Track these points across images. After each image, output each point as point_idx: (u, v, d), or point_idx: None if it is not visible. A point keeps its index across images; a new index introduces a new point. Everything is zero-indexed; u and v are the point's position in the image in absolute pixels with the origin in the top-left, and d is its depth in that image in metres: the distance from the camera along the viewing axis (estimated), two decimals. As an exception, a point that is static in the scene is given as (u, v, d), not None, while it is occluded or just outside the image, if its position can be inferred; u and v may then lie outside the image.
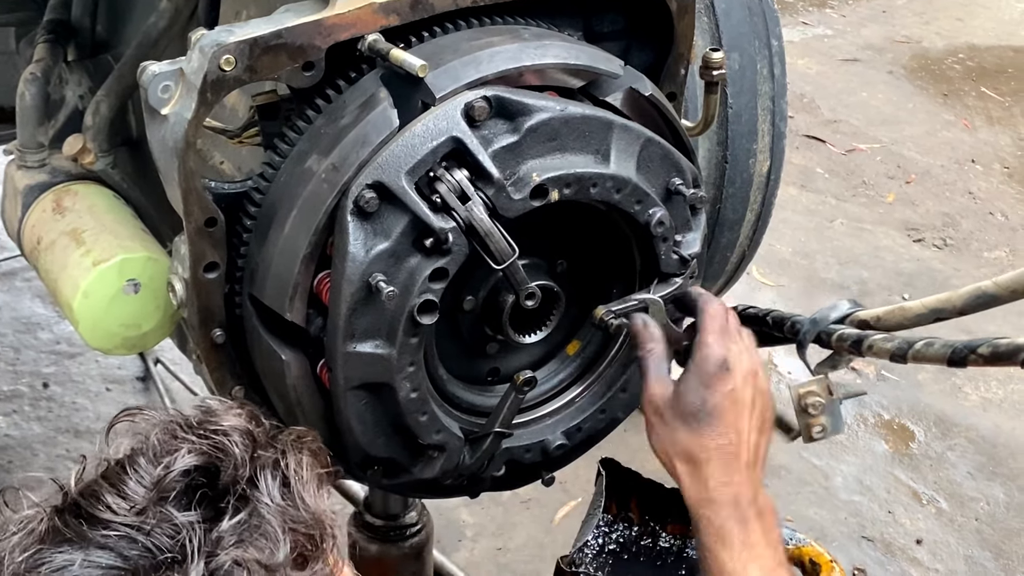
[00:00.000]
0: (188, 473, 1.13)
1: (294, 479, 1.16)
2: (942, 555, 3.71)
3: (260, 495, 1.12)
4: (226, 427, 1.18)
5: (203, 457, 1.14)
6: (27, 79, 2.42)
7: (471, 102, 1.69)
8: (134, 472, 1.12)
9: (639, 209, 1.83)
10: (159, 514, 1.09)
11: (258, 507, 1.12)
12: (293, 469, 1.17)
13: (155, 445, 1.16)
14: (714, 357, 1.74)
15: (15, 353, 4.30)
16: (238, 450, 1.15)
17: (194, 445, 1.15)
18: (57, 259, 2.17)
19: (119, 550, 1.07)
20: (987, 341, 1.59)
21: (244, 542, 1.09)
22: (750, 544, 1.67)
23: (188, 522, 1.08)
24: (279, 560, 1.09)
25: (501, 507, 3.74)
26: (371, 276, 1.67)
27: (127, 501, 1.10)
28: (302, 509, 1.15)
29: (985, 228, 5.45)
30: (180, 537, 1.07)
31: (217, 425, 1.18)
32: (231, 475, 1.13)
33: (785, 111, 3.02)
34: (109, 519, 1.08)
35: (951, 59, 7.11)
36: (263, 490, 1.13)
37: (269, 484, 1.14)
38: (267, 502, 1.12)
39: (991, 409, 4.33)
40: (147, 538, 1.07)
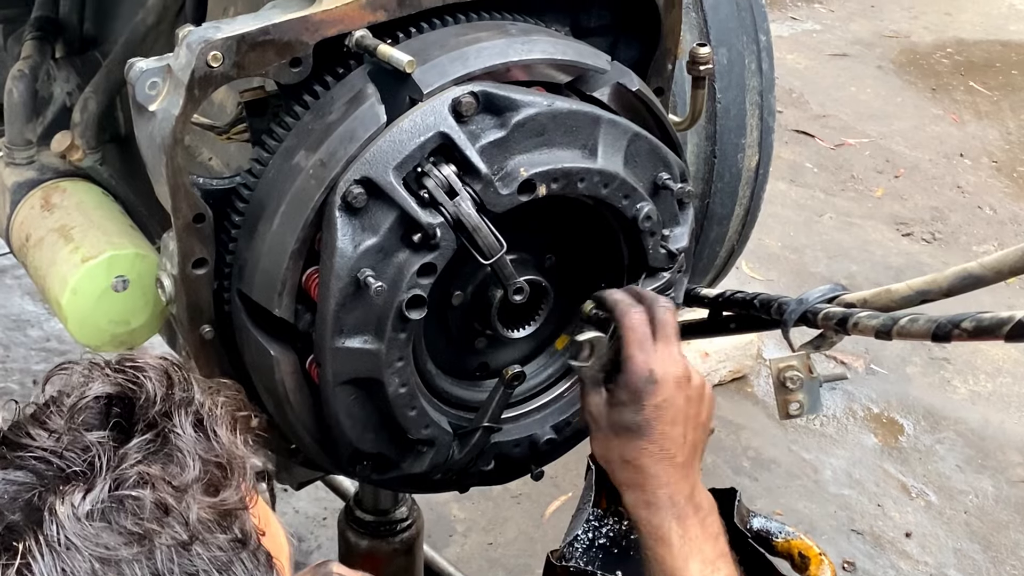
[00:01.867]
0: (99, 399, 1.17)
1: (207, 417, 1.19)
2: (931, 548, 3.73)
3: (172, 425, 1.16)
4: (141, 364, 1.21)
5: (116, 387, 1.19)
6: (15, 76, 2.41)
7: (458, 97, 1.69)
8: (56, 407, 1.18)
9: (627, 204, 1.84)
10: (72, 436, 1.14)
11: (168, 434, 1.15)
12: (208, 408, 1.20)
13: (74, 381, 1.21)
14: (639, 372, 1.76)
15: (5, 351, 4.29)
16: (151, 384, 1.19)
17: (108, 377, 1.20)
18: (45, 256, 2.17)
19: (35, 469, 1.12)
20: (970, 316, 1.60)
21: (149, 460, 1.12)
22: (688, 539, 1.72)
23: (97, 440, 1.13)
24: (186, 480, 1.12)
25: (491, 502, 3.75)
26: (359, 271, 1.67)
27: (45, 430, 1.15)
28: (213, 441, 1.18)
29: (973, 222, 5.47)
30: (89, 455, 1.11)
31: (133, 362, 1.22)
32: (144, 407, 1.17)
33: (774, 106, 3.02)
34: (27, 443, 1.14)
35: (939, 53, 7.12)
36: (176, 422, 1.17)
37: (182, 418, 1.17)
38: (178, 431, 1.16)
39: (980, 402, 4.35)
40: (60, 459, 1.12)
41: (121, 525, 1.08)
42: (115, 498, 1.09)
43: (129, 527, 1.08)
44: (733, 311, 2.12)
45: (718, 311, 2.17)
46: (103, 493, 1.09)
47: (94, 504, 1.08)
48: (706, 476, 3.83)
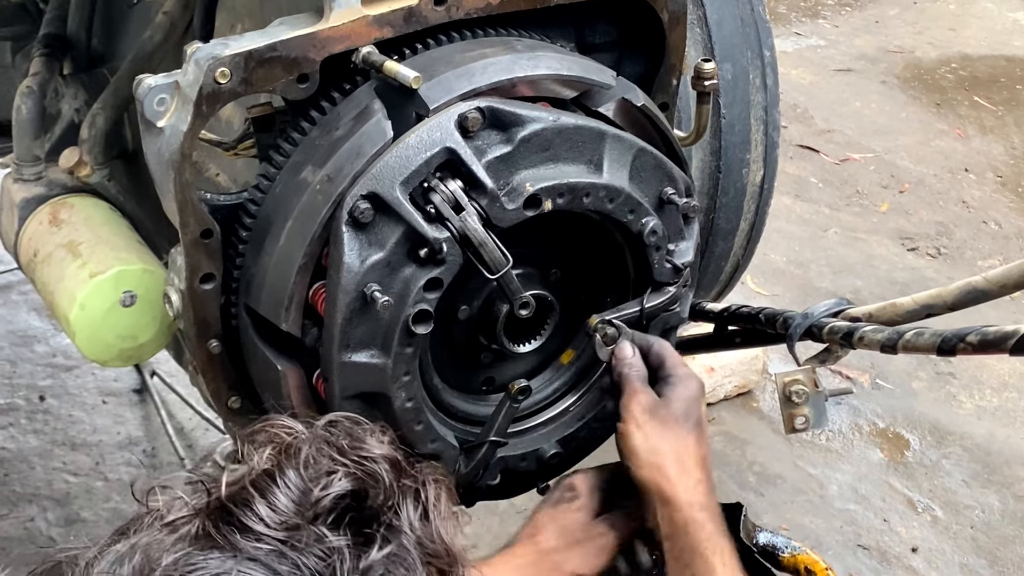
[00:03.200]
0: (343, 497, 1.14)
1: (432, 511, 1.18)
2: (938, 563, 3.72)
3: (403, 524, 1.14)
4: (376, 455, 1.19)
5: (356, 482, 1.16)
6: (23, 92, 2.43)
7: (464, 113, 1.70)
8: (284, 485, 1.13)
9: (632, 219, 1.85)
10: (311, 533, 1.09)
11: (402, 539, 1.13)
12: (432, 502, 1.19)
13: (307, 460, 1.16)
14: (695, 379, 1.81)
15: (11, 366, 4.30)
16: (387, 477, 1.17)
17: (348, 469, 1.17)
18: (53, 271, 2.18)
19: (269, 563, 1.07)
20: (976, 329, 1.61)
21: (390, 572, 1.10)
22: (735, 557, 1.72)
23: (340, 546, 1.09)
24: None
25: (496, 517, 3.74)
26: (366, 286, 1.68)
27: (278, 514, 1.10)
28: (438, 543, 1.17)
29: (979, 237, 5.47)
30: (331, 560, 1.08)
31: (368, 452, 1.20)
32: (380, 502, 1.15)
33: (778, 121, 3.03)
34: (261, 531, 1.09)
35: (944, 69, 7.13)
36: (405, 519, 1.14)
37: (411, 513, 1.15)
38: (408, 532, 1.14)
39: (985, 417, 4.34)
40: (298, 555, 1.07)
41: None
42: None
43: None
44: (738, 325, 2.13)
45: (723, 325, 2.18)
46: None
47: None
48: (712, 491, 3.80)
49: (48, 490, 3.72)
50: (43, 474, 3.79)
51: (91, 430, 3.99)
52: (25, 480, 3.76)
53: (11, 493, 3.70)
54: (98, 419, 4.05)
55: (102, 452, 3.90)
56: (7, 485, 3.74)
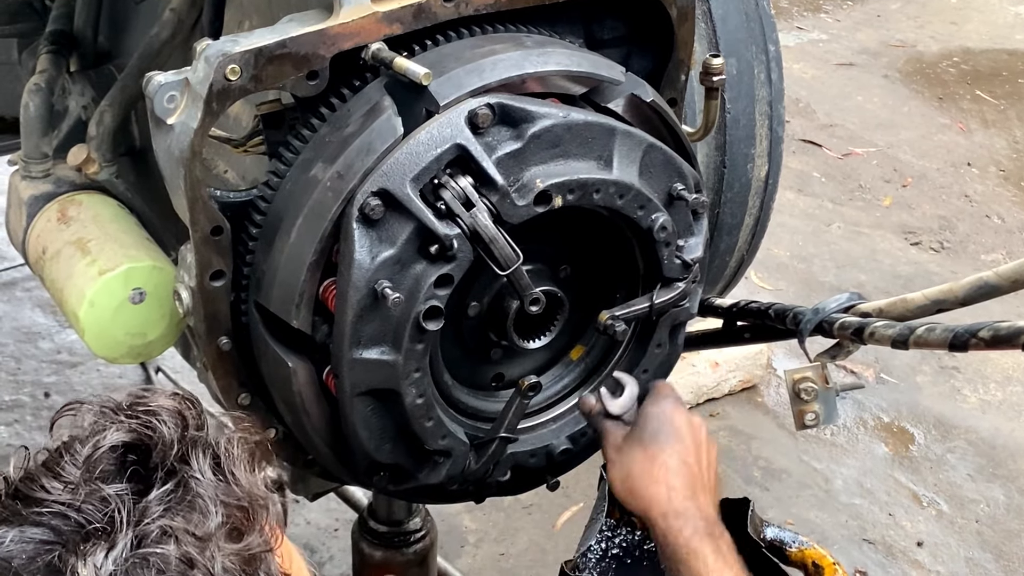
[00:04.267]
0: (115, 449, 1.14)
1: (224, 457, 1.17)
2: (943, 557, 3.73)
3: (190, 470, 1.14)
4: (154, 407, 1.19)
5: (132, 435, 1.16)
6: (30, 90, 2.43)
7: (474, 109, 1.70)
8: (69, 455, 1.14)
9: (642, 214, 1.85)
10: (89, 489, 1.10)
11: (188, 480, 1.13)
12: (224, 447, 1.18)
13: (87, 428, 1.18)
14: (665, 393, 1.87)
15: (16, 363, 4.30)
16: (167, 428, 1.16)
17: (122, 424, 1.17)
18: (62, 269, 2.18)
19: (52, 526, 1.08)
20: (988, 325, 1.61)
21: (171, 511, 1.10)
22: (722, 554, 1.73)
23: (116, 494, 1.10)
24: (209, 530, 1.10)
25: (503, 513, 3.75)
26: (377, 283, 1.68)
27: (60, 481, 1.11)
28: (233, 484, 1.16)
29: (982, 231, 5.47)
30: (109, 509, 1.08)
31: (146, 406, 1.19)
32: (160, 452, 1.15)
33: (783, 116, 3.02)
34: (43, 498, 1.10)
35: (946, 63, 7.13)
36: (194, 466, 1.14)
37: (200, 461, 1.15)
38: (197, 476, 1.14)
39: (990, 411, 4.34)
40: (78, 514, 1.08)
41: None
42: (139, 555, 1.06)
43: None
44: (747, 321, 2.13)
45: (732, 321, 2.18)
46: (125, 551, 1.06)
47: (117, 563, 1.05)
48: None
49: (54, 487, 3.72)
50: (49, 471, 3.79)
51: (96, 427, 3.99)
52: (31, 477, 3.77)
53: (17, 490, 3.70)
54: (103, 416, 4.05)
55: (107, 448, 3.89)
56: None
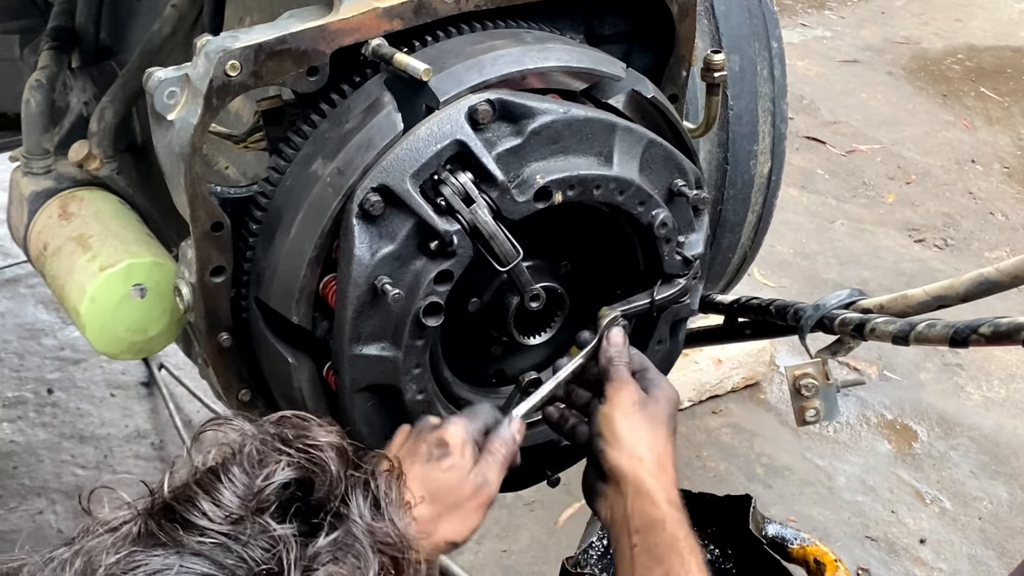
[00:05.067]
0: (287, 486, 1.13)
1: (384, 500, 1.17)
2: (946, 554, 3.72)
3: (352, 513, 1.13)
4: (322, 443, 1.18)
5: (300, 471, 1.15)
6: (32, 86, 2.43)
7: (475, 105, 1.70)
8: (228, 481, 1.12)
9: (642, 211, 1.85)
10: (256, 525, 1.09)
11: (351, 526, 1.12)
12: (383, 491, 1.18)
13: (251, 455, 1.16)
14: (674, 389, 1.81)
15: (19, 359, 4.30)
16: (333, 466, 1.16)
17: (292, 459, 1.16)
18: (64, 265, 2.18)
19: (214, 557, 1.06)
20: (988, 321, 1.61)
21: (338, 560, 1.09)
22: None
23: (285, 535, 1.08)
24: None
25: (505, 509, 3.75)
26: (377, 279, 1.68)
27: (222, 509, 1.09)
28: (390, 531, 1.16)
29: (985, 228, 5.46)
30: (277, 550, 1.07)
31: (313, 440, 1.18)
32: (326, 491, 1.14)
33: (786, 112, 3.02)
34: (205, 526, 1.08)
35: (950, 60, 7.12)
36: (354, 508, 1.14)
37: (360, 503, 1.15)
38: (358, 521, 1.13)
39: (993, 408, 4.33)
40: (243, 548, 1.06)
41: None
42: None
43: None
44: (749, 317, 2.13)
45: (733, 317, 2.18)
46: None
47: None
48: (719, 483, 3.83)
49: (57, 483, 3.73)
50: (52, 467, 3.80)
51: (99, 423, 4.00)
52: (34, 473, 3.77)
53: (20, 486, 3.71)
54: (106, 412, 4.06)
55: (110, 445, 3.90)
56: (16, 478, 3.74)
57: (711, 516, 2.23)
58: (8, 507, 3.62)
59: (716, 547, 2.24)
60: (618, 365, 1.80)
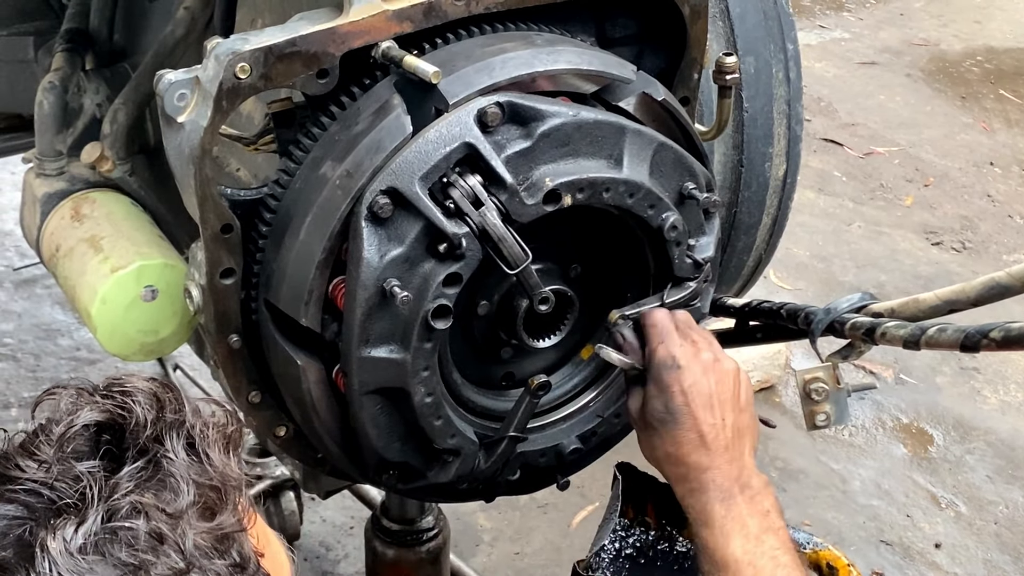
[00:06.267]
0: (88, 427, 1.15)
1: (199, 439, 1.18)
2: (961, 559, 3.70)
3: (163, 450, 1.14)
4: (130, 388, 1.20)
5: (105, 414, 1.17)
6: (45, 88, 2.44)
7: (484, 108, 1.70)
8: (44, 436, 1.15)
9: (652, 213, 1.84)
10: (62, 467, 1.11)
11: (160, 459, 1.13)
12: (199, 430, 1.18)
13: (63, 409, 1.19)
14: (662, 360, 1.78)
15: (35, 360, 4.32)
16: (141, 409, 1.17)
17: (96, 403, 1.18)
18: (75, 266, 2.19)
19: (24, 502, 1.09)
20: (999, 325, 1.60)
21: (142, 488, 1.10)
22: (732, 517, 1.70)
23: (87, 471, 1.10)
24: (180, 507, 1.11)
25: (518, 511, 3.75)
26: (385, 281, 1.68)
27: (35, 460, 1.13)
28: (207, 464, 1.16)
29: (1004, 231, 5.43)
30: (80, 485, 1.09)
31: (122, 387, 1.20)
32: (134, 432, 1.15)
33: (801, 115, 3.01)
34: (17, 476, 1.11)
35: (969, 62, 7.08)
36: (167, 446, 1.15)
37: (174, 442, 1.15)
38: (170, 456, 1.14)
39: (1010, 412, 4.31)
40: (51, 491, 1.09)
41: (116, 557, 1.06)
42: (108, 530, 1.07)
43: (124, 558, 1.06)
44: (760, 321, 2.12)
45: (745, 321, 2.17)
46: (95, 525, 1.07)
47: (87, 537, 1.06)
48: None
49: (72, 483, 3.74)
50: (67, 467, 3.81)
51: (114, 424, 4.01)
52: (49, 473, 3.78)
53: (35, 486, 3.72)
54: (121, 412, 4.06)
55: (125, 445, 3.91)
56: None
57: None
58: (23, 507, 3.63)
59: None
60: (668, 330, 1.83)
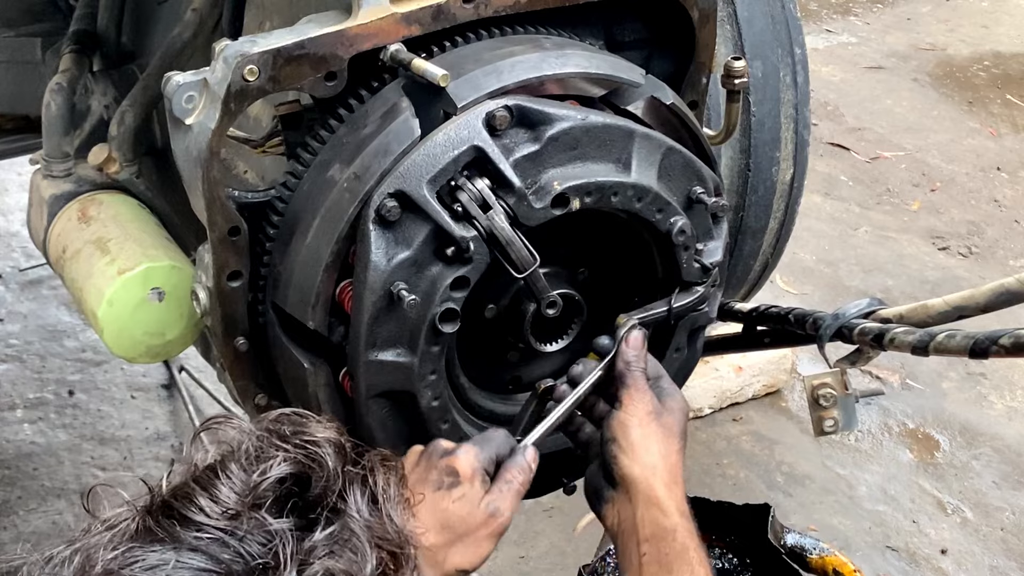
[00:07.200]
0: (283, 481, 1.13)
1: (382, 496, 1.17)
2: (967, 565, 3.69)
3: (349, 508, 1.13)
4: (319, 439, 1.18)
5: (297, 466, 1.15)
6: (53, 89, 2.43)
7: (492, 111, 1.70)
8: (226, 477, 1.13)
9: (660, 218, 1.84)
10: (252, 520, 1.09)
11: (348, 521, 1.12)
12: (381, 487, 1.18)
13: (248, 452, 1.16)
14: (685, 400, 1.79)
15: (41, 361, 4.32)
16: (331, 461, 1.16)
17: (288, 454, 1.16)
18: (82, 268, 2.19)
19: (211, 552, 1.07)
20: (1009, 332, 1.59)
21: (335, 554, 1.09)
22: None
23: (281, 529, 1.08)
24: (366, 574, 1.10)
25: (523, 515, 3.74)
26: (393, 285, 1.67)
27: (219, 505, 1.10)
28: (388, 526, 1.15)
29: (1011, 236, 5.42)
30: (273, 544, 1.07)
31: (310, 436, 1.19)
32: (323, 486, 1.14)
33: (808, 119, 3.01)
34: (202, 521, 1.09)
35: (976, 66, 7.07)
36: (352, 503, 1.14)
37: (358, 499, 1.15)
38: (356, 516, 1.13)
39: (1017, 418, 4.30)
40: (240, 543, 1.07)
41: None
42: None
43: None
44: (767, 326, 2.12)
45: (752, 325, 2.16)
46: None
47: None
48: (739, 491, 3.81)
49: (77, 484, 3.74)
50: (72, 468, 3.81)
51: (120, 425, 4.01)
52: (54, 474, 3.78)
53: (40, 487, 3.72)
54: (127, 414, 4.06)
55: (130, 447, 3.91)
56: (36, 479, 3.76)
57: (730, 525, 2.22)
58: (28, 508, 3.64)
59: (735, 556, 2.23)
60: (635, 371, 1.77)
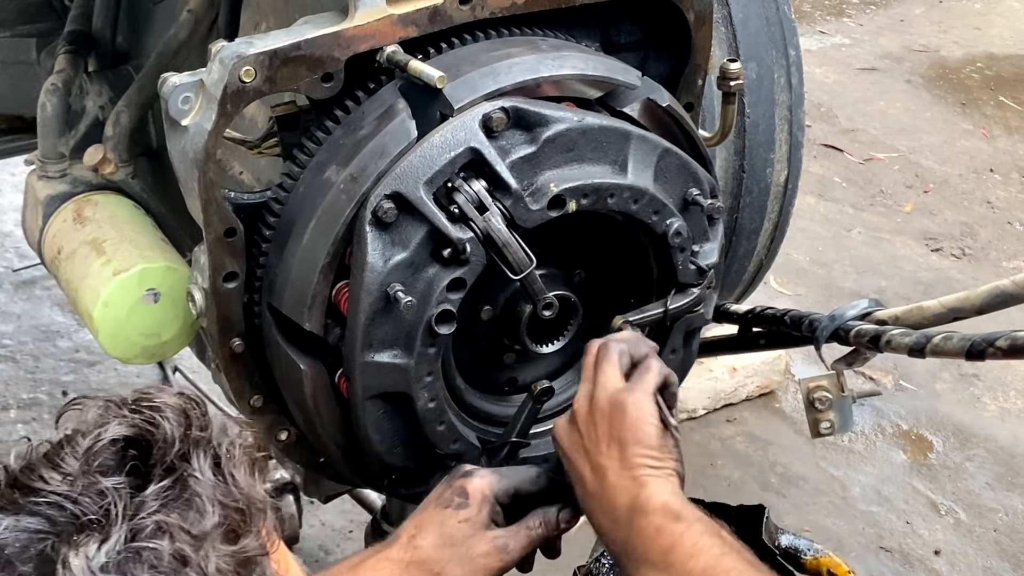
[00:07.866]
0: (116, 442, 1.14)
1: (225, 458, 1.17)
2: (960, 566, 3.70)
3: (191, 468, 1.13)
4: (159, 404, 1.19)
5: (133, 429, 1.16)
6: (48, 90, 2.43)
7: (489, 113, 1.70)
8: (70, 447, 1.14)
9: (656, 219, 1.84)
10: (87, 481, 1.10)
11: (186, 478, 1.13)
12: (226, 450, 1.18)
13: (89, 421, 1.18)
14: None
15: (35, 361, 4.31)
16: (169, 426, 1.16)
17: (125, 418, 1.17)
18: (77, 268, 2.19)
19: (47, 516, 1.09)
20: (1005, 334, 1.60)
21: (168, 508, 1.10)
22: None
23: (113, 487, 1.09)
24: (205, 529, 1.10)
25: (518, 516, 3.74)
26: (389, 286, 1.67)
27: (59, 472, 1.12)
28: (232, 486, 1.15)
29: (1004, 237, 5.43)
30: (105, 502, 1.08)
31: (151, 402, 1.19)
32: (161, 449, 1.14)
33: (803, 120, 3.01)
34: (40, 487, 1.10)
35: (969, 68, 7.08)
36: (195, 464, 1.14)
37: (200, 461, 1.15)
38: (197, 476, 1.13)
39: (1010, 419, 4.31)
40: (75, 505, 1.08)
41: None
42: (131, 549, 1.06)
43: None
44: (763, 327, 2.12)
45: (748, 327, 2.17)
46: (119, 544, 1.06)
47: (109, 556, 1.05)
48: (734, 492, 3.82)
49: (71, 485, 3.73)
50: (65, 469, 3.80)
51: (113, 425, 4.00)
52: (48, 475, 3.78)
53: (34, 488, 3.71)
54: (120, 415, 4.05)
55: (124, 447, 3.90)
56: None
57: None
58: (22, 509, 3.63)
59: (729, 557, 2.22)
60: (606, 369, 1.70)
